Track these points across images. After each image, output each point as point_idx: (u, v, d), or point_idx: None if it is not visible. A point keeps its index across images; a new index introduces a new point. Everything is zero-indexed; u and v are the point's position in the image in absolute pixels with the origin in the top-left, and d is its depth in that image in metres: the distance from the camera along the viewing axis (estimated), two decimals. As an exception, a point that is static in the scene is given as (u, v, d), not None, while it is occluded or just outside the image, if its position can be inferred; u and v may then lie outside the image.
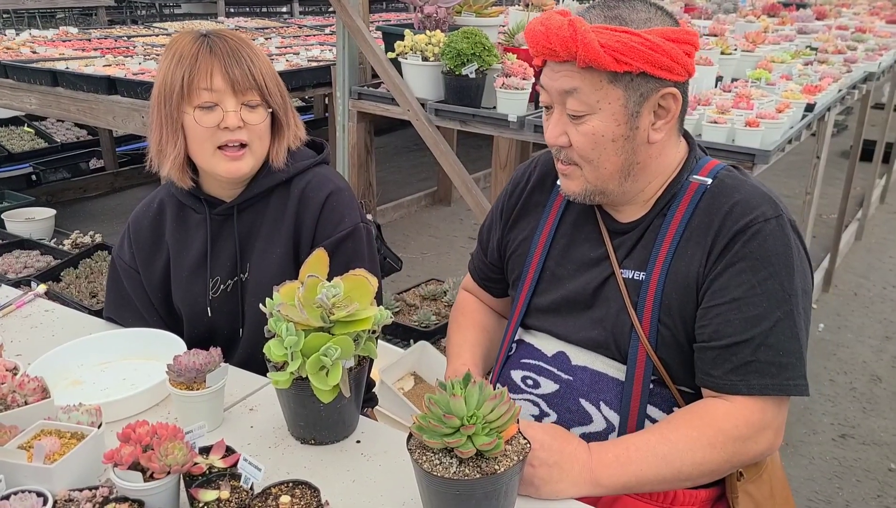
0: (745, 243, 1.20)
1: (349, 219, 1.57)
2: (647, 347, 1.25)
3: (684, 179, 1.30)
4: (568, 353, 1.35)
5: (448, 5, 3.11)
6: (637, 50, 1.15)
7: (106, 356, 1.51)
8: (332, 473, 1.19)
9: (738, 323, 1.19)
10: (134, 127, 3.38)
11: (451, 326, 1.60)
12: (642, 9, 1.21)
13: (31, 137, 5.61)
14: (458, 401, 0.97)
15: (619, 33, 1.16)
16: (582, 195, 1.30)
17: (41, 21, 8.16)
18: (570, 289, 1.36)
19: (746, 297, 1.19)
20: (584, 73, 1.19)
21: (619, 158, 1.24)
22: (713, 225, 1.23)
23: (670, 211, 1.28)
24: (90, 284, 3.39)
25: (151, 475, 1.03)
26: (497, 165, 3.86)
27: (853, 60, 3.55)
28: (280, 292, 1.20)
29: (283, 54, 4.25)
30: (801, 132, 2.62)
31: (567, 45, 1.16)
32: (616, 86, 1.19)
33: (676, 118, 1.26)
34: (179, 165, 1.51)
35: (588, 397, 1.30)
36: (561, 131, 1.25)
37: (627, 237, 1.32)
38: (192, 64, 1.44)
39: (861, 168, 4.71)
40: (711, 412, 1.20)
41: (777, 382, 1.19)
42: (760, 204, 1.23)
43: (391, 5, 8.45)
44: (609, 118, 1.21)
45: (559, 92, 1.22)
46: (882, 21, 5.00)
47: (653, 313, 1.25)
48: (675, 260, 1.25)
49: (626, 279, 1.29)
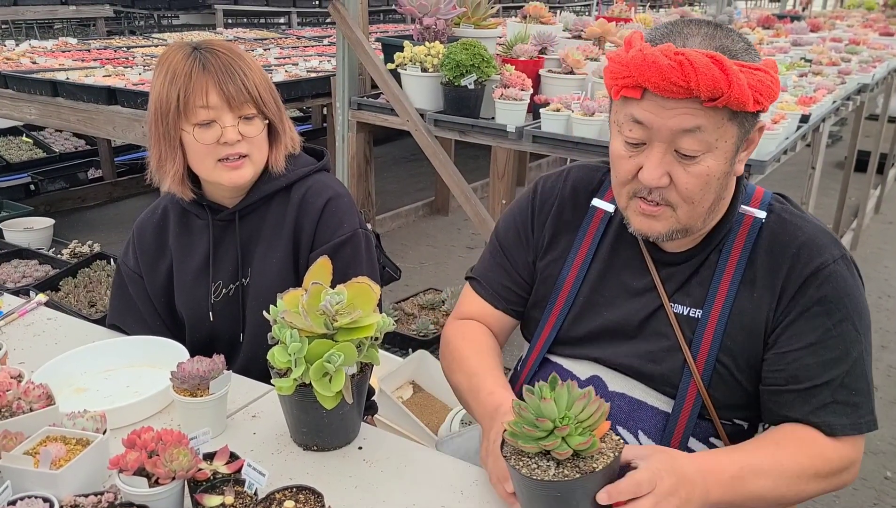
0: (819, 287, 1.19)
1: (348, 224, 1.59)
2: (699, 384, 1.22)
3: (736, 211, 1.26)
4: (604, 378, 1.30)
5: (447, 17, 3.14)
6: (770, 88, 1.10)
7: (109, 364, 1.52)
8: (334, 479, 1.20)
9: (816, 367, 1.18)
10: (134, 137, 3.39)
11: (457, 351, 1.39)
12: (738, 39, 1.14)
13: (30, 146, 5.62)
14: (549, 404, 0.97)
15: (754, 71, 1.08)
16: (666, 237, 1.21)
17: (40, 32, 8.18)
18: (609, 318, 1.30)
19: (823, 341, 1.18)
20: (709, 111, 1.08)
21: (714, 196, 1.18)
22: (781, 268, 1.21)
23: (726, 247, 1.25)
24: (89, 293, 3.39)
25: (156, 480, 1.04)
26: (495, 175, 3.88)
27: (847, 72, 3.59)
28: (284, 300, 1.21)
29: (281, 65, 4.27)
30: (796, 143, 2.64)
31: (714, 84, 1.05)
32: (733, 123, 1.11)
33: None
34: (180, 180, 1.54)
35: (626, 424, 1.27)
36: (664, 172, 1.14)
37: (678, 270, 1.27)
38: (186, 82, 1.45)
39: (856, 179, 4.74)
40: (821, 444, 1.18)
41: (863, 421, 1.19)
42: (826, 244, 1.22)
43: (390, 17, 8.48)
44: (721, 157, 1.13)
45: (672, 131, 1.10)
46: (875, 33, 5.06)
47: (710, 352, 1.22)
48: (737, 301, 1.22)
49: (678, 315, 1.25)
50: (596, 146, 2.54)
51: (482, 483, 1.20)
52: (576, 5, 10.38)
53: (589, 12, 8.97)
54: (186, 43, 1.52)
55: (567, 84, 2.88)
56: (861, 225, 5.12)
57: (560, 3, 10.14)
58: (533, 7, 3.42)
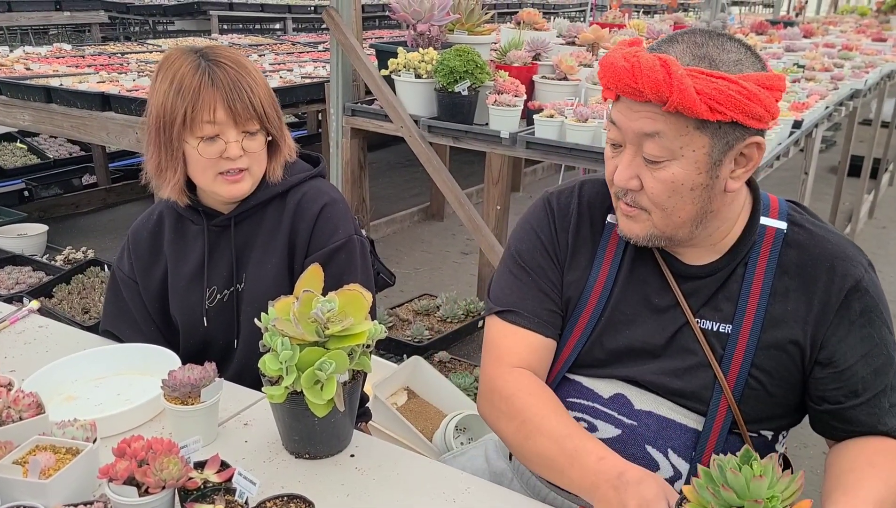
0: (860, 299, 1.19)
1: (343, 230, 1.59)
2: (730, 400, 1.21)
3: (757, 223, 1.24)
4: (628, 396, 1.26)
5: (441, 23, 3.14)
6: (734, 99, 1.06)
7: (100, 372, 1.51)
8: (326, 487, 1.19)
9: (870, 377, 1.19)
10: (128, 143, 3.39)
11: (535, 412, 1.23)
12: (732, 49, 1.12)
13: (24, 152, 5.61)
14: (762, 482, 0.90)
15: (715, 80, 1.06)
16: (645, 240, 1.21)
17: (34, 37, 8.18)
18: (632, 337, 1.26)
19: (871, 351, 1.20)
20: (669, 116, 1.08)
21: (695, 207, 1.16)
22: (817, 281, 1.20)
23: (751, 260, 1.23)
24: (83, 300, 3.38)
25: (146, 489, 1.04)
26: (489, 180, 3.89)
27: (840, 78, 3.60)
28: (275, 307, 1.21)
29: (276, 71, 4.27)
30: (788, 148, 2.65)
31: (658, 87, 1.06)
32: (703, 133, 1.09)
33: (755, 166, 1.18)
34: (180, 189, 1.54)
35: (655, 444, 1.24)
36: (633, 175, 1.15)
37: (701, 284, 1.24)
38: (194, 98, 1.44)
39: (849, 183, 4.76)
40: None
41: None
42: (856, 255, 1.22)
43: (384, 23, 8.49)
44: (690, 166, 1.11)
45: (636, 133, 1.12)
46: (868, 39, 5.08)
47: (742, 367, 1.20)
48: (769, 314, 1.21)
49: (705, 331, 1.23)
50: (589, 152, 2.54)
51: (474, 491, 1.20)
52: (570, 11, 10.41)
53: (583, 18, 9.00)
54: (191, 49, 1.50)
55: (561, 90, 2.89)
56: (855, 230, 5.14)
57: (554, 9, 10.18)
58: (527, 13, 3.43)
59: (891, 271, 4.84)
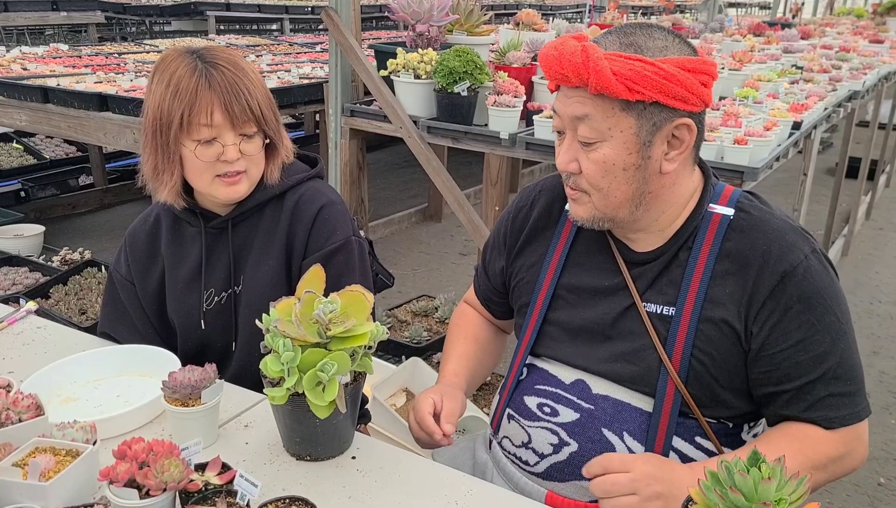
0: (796, 285, 1.20)
1: (341, 232, 1.58)
2: (676, 381, 1.24)
3: (704, 210, 1.28)
4: (587, 381, 1.32)
5: (440, 24, 3.14)
6: (650, 79, 1.13)
7: (99, 373, 1.51)
8: (327, 489, 1.19)
9: (807, 363, 1.20)
10: (125, 144, 3.38)
11: (447, 336, 1.62)
12: (659, 36, 1.19)
13: (20, 153, 5.59)
14: (770, 484, 0.90)
15: (632, 61, 1.14)
16: (590, 221, 1.28)
17: (30, 37, 8.16)
18: (585, 318, 1.33)
19: (809, 337, 1.20)
20: (595, 99, 1.17)
21: (630, 187, 1.22)
22: (751, 266, 1.22)
23: (696, 244, 1.26)
24: (79, 300, 3.37)
25: (147, 492, 1.03)
26: (488, 181, 3.88)
27: (838, 79, 3.61)
28: (277, 308, 1.20)
29: (274, 71, 4.26)
30: (788, 150, 2.65)
31: (579, 71, 1.15)
32: (628, 114, 1.17)
33: (691, 149, 1.23)
34: (177, 192, 1.53)
35: (611, 426, 1.28)
36: (572, 158, 1.23)
37: (647, 268, 1.30)
38: (191, 100, 1.42)
39: (846, 185, 4.77)
40: (813, 437, 1.21)
41: (856, 411, 1.22)
42: (795, 241, 1.22)
43: (381, 24, 8.48)
44: (620, 146, 1.19)
45: (571, 118, 1.20)
46: (865, 40, 5.09)
47: (685, 349, 1.23)
48: (709, 297, 1.23)
49: (651, 313, 1.27)
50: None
51: (476, 493, 1.20)
52: (568, 12, 10.42)
53: (581, 19, 9.01)
54: (187, 50, 1.49)
55: (560, 91, 2.88)
56: (852, 231, 5.15)
57: (552, 10, 10.18)
58: (525, 14, 3.43)
59: (887, 272, 4.84)
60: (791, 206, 3.22)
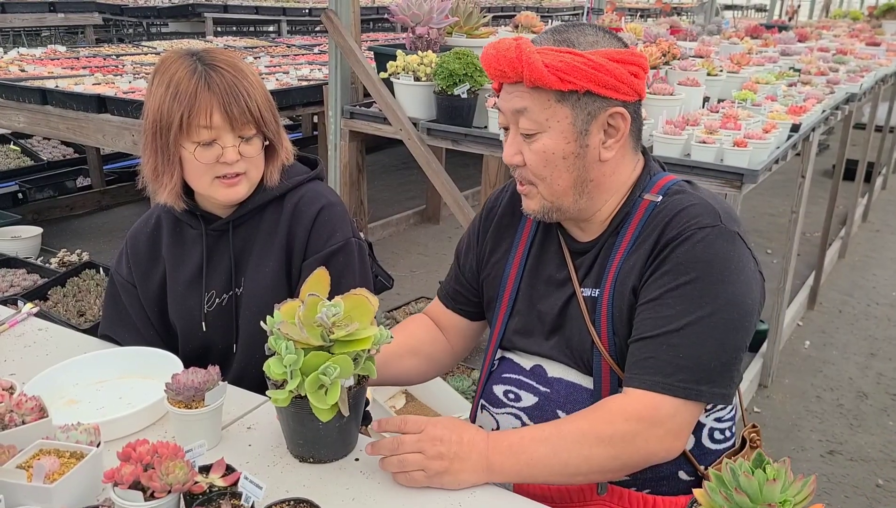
0: (674, 249, 1.23)
1: (341, 233, 1.59)
2: (608, 360, 1.28)
3: (637, 198, 1.32)
4: (544, 366, 1.38)
5: (439, 26, 3.15)
6: (580, 69, 1.20)
7: (102, 375, 1.51)
8: (331, 491, 1.19)
9: (650, 322, 1.22)
10: (124, 145, 3.37)
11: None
12: (590, 32, 1.26)
13: (18, 155, 5.58)
14: (775, 486, 0.91)
15: (563, 54, 1.21)
16: (540, 213, 1.33)
17: (27, 39, 8.15)
18: (540, 310, 1.39)
19: (661, 298, 1.22)
20: (532, 92, 1.23)
21: (571, 175, 1.27)
22: (652, 237, 1.26)
23: (623, 229, 1.31)
24: (78, 302, 3.37)
25: (152, 494, 1.03)
26: (487, 183, 3.89)
27: (836, 82, 3.62)
28: (280, 311, 1.20)
29: (272, 73, 4.26)
30: (787, 152, 2.66)
31: (514, 66, 1.21)
32: (563, 105, 1.23)
33: (627, 137, 1.28)
34: (177, 194, 1.53)
35: (564, 408, 1.33)
36: (516, 151, 1.29)
37: (587, 257, 1.36)
38: (191, 102, 1.43)
39: (844, 187, 4.78)
40: (606, 407, 1.22)
41: (669, 382, 1.18)
42: (700, 214, 1.24)
43: (380, 26, 8.50)
44: (558, 136, 1.24)
45: (512, 112, 1.27)
46: (862, 43, 5.11)
47: (608, 327, 1.28)
48: (620, 274, 1.29)
49: (585, 298, 1.33)
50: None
51: (480, 496, 1.20)
52: (566, 15, 10.44)
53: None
54: (187, 52, 1.49)
55: (559, 93, 2.89)
56: (850, 233, 5.17)
57: (551, 12, 10.20)
58: (524, 17, 3.44)
59: (885, 274, 4.86)
60: (789, 208, 3.24)
